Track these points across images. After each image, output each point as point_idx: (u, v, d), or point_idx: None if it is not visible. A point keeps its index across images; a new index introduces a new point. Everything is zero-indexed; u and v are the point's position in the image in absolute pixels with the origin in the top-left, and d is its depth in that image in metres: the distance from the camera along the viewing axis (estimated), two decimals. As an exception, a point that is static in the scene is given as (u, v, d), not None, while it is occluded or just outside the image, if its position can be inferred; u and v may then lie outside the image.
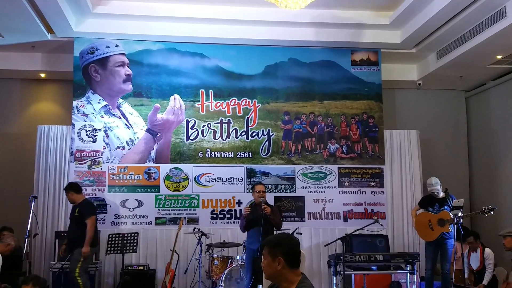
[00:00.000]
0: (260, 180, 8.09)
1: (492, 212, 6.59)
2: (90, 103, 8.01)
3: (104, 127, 7.98)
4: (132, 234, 7.22)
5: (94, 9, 7.50)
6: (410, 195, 8.56)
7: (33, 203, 6.72)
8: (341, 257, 6.28)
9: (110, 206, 7.82)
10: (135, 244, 7.19)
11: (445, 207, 7.01)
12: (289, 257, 2.77)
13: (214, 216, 8.06)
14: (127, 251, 7.13)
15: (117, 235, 7.13)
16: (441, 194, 7.22)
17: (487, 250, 7.40)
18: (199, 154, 8.15)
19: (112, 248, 7.04)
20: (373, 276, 7.32)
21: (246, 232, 6.56)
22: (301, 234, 7.70)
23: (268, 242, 2.88)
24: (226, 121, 8.29)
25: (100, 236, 7.27)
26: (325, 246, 7.23)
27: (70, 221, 6.89)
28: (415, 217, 7.33)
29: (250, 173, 8.21)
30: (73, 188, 6.95)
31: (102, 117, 8.00)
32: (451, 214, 6.86)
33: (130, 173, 7.96)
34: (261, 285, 5.80)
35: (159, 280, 7.49)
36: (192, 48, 8.30)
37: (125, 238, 7.13)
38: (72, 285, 6.55)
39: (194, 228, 7.31)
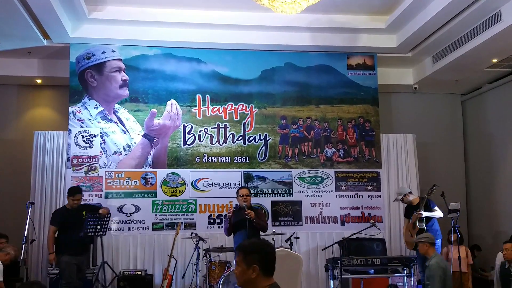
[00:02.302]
0: (257, 185, 8.13)
1: (434, 189, 6.87)
2: (87, 108, 8.00)
3: (100, 133, 7.97)
4: (106, 217, 6.97)
5: (90, 14, 7.50)
6: (407, 199, 8.56)
7: (30, 209, 6.71)
8: (339, 261, 6.27)
9: (107, 212, 7.82)
10: (105, 226, 6.93)
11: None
12: (264, 265, 2.68)
13: (212, 221, 8.05)
14: (100, 233, 6.88)
15: (94, 217, 6.85)
16: (411, 198, 7.23)
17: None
18: (196, 159, 8.15)
19: (89, 229, 6.78)
20: (370, 279, 7.34)
21: (231, 236, 6.60)
22: (298, 238, 7.71)
23: (241, 248, 2.74)
24: (223, 126, 8.30)
25: (96, 240, 7.29)
26: (322, 250, 7.21)
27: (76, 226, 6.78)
28: (404, 237, 7.38)
29: (247, 178, 8.20)
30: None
31: (99, 122, 7.99)
32: (416, 213, 6.92)
33: (127, 178, 7.95)
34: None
35: (157, 286, 7.48)
36: (189, 53, 8.30)
37: (100, 220, 6.87)
38: None
39: (192, 233, 7.28)
